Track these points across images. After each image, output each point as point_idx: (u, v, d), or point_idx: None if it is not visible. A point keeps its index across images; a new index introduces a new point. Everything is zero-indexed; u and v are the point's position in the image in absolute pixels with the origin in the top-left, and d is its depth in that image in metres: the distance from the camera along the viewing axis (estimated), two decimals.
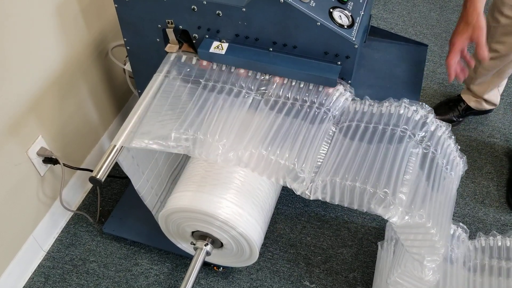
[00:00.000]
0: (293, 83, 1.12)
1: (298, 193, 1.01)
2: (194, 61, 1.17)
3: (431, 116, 1.07)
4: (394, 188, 0.94)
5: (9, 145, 1.24)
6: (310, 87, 1.12)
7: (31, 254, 1.44)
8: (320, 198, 1.00)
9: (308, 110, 1.08)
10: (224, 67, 1.16)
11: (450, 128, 1.09)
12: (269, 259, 1.47)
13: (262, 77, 1.14)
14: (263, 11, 1.05)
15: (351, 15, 1.10)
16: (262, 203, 1.19)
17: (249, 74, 1.15)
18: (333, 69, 1.09)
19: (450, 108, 1.83)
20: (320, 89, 1.11)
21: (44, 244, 1.48)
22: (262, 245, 1.29)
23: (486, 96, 1.74)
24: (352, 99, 1.13)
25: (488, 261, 1.30)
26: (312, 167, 1.01)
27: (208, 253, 1.22)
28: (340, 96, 1.11)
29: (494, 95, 1.75)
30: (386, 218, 0.94)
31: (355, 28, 1.08)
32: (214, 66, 1.16)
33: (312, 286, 1.42)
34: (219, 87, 1.13)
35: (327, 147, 1.06)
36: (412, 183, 0.97)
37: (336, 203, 1.00)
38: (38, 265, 1.46)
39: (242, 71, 1.15)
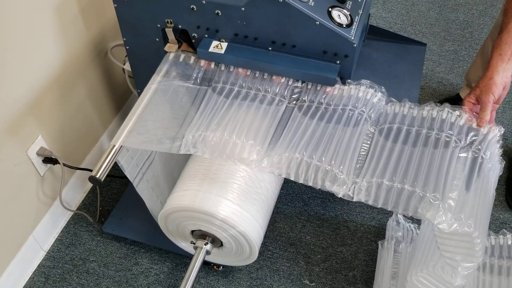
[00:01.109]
0: (318, 87, 1.12)
1: (340, 195, 0.98)
2: (193, 60, 1.18)
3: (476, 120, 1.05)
4: (444, 192, 0.92)
5: (8, 145, 1.24)
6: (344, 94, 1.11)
7: (31, 254, 1.44)
8: (362, 200, 0.98)
9: (341, 112, 1.07)
10: (223, 66, 1.16)
11: (502, 132, 1.06)
12: (269, 258, 1.47)
13: (282, 80, 1.13)
14: (262, 11, 1.06)
15: (350, 14, 1.10)
16: (262, 202, 1.19)
17: (248, 73, 1.15)
18: (332, 68, 1.09)
19: None
20: (352, 92, 1.10)
21: (44, 244, 1.49)
22: (262, 244, 1.30)
23: None
24: (390, 101, 1.11)
25: (497, 260, 1.29)
26: (351, 168, 1.00)
27: (208, 252, 1.22)
28: (373, 97, 1.11)
29: None
30: (435, 223, 0.91)
31: (354, 27, 1.09)
32: (214, 66, 1.16)
33: (312, 284, 1.42)
34: (219, 87, 1.13)
35: (366, 149, 1.04)
36: (460, 189, 0.95)
37: (379, 206, 0.98)
38: (38, 265, 1.46)
39: (242, 70, 1.15)
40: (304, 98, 1.10)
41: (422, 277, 1.09)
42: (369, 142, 1.05)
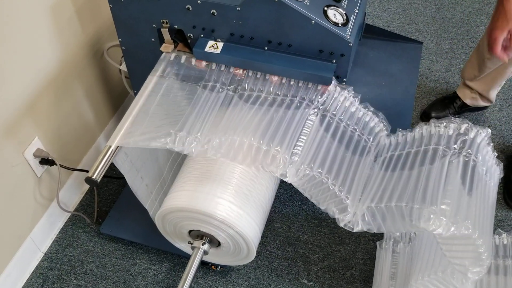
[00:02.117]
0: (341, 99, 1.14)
1: (341, 224, 1.02)
2: (189, 60, 1.17)
3: (465, 125, 1.07)
4: (435, 199, 0.93)
5: (5, 147, 1.24)
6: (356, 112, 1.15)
7: (29, 256, 1.44)
8: (365, 229, 1.01)
9: (351, 134, 1.11)
10: (220, 66, 1.16)
11: (490, 134, 1.08)
12: (266, 258, 1.47)
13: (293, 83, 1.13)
14: (257, 10, 1.06)
15: (345, 13, 1.10)
16: (259, 201, 1.19)
17: (245, 73, 1.15)
18: (328, 67, 1.09)
19: (446, 105, 1.83)
20: (360, 115, 1.14)
21: (42, 245, 1.48)
22: (259, 243, 1.29)
23: (486, 94, 1.73)
24: (387, 135, 1.16)
25: (493, 261, 1.29)
26: (356, 195, 1.03)
27: (205, 252, 1.22)
28: (376, 128, 1.16)
29: (494, 93, 1.75)
30: (430, 230, 0.91)
31: (349, 26, 1.09)
32: (210, 66, 1.16)
33: (310, 284, 1.42)
34: (213, 86, 1.13)
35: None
36: (455, 194, 0.96)
37: (384, 231, 1.01)
38: (36, 266, 1.46)
39: (238, 70, 1.15)
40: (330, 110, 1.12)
41: (429, 281, 1.08)
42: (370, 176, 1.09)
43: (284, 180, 1.00)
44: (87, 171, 1.03)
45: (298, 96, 1.10)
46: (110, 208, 1.56)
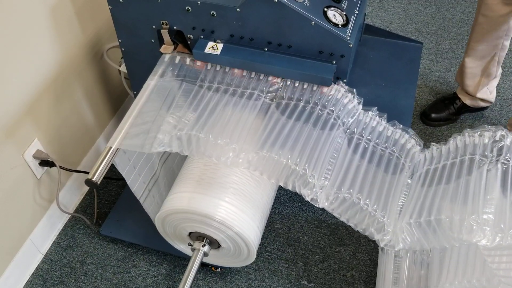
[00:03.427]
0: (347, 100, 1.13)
1: (382, 245, 1.03)
2: (189, 61, 1.17)
3: (500, 132, 1.06)
4: (476, 209, 0.91)
5: (5, 148, 1.24)
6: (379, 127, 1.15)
7: (28, 257, 1.43)
8: (407, 248, 1.02)
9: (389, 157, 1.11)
10: (219, 67, 1.16)
11: None
12: (267, 259, 1.47)
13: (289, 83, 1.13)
14: (257, 11, 1.05)
15: (345, 14, 1.10)
16: (259, 202, 1.19)
17: (244, 74, 1.15)
18: (328, 68, 1.09)
19: (446, 105, 1.83)
20: (389, 133, 1.14)
21: (42, 247, 1.48)
22: (259, 245, 1.29)
23: (478, 95, 1.76)
24: (421, 150, 1.14)
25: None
26: (393, 214, 1.03)
27: (205, 254, 1.22)
28: (408, 144, 1.15)
29: (486, 94, 1.76)
30: (473, 241, 0.89)
31: (349, 27, 1.08)
32: (209, 67, 1.16)
33: (310, 285, 1.42)
34: (214, 87, 1.13)
35: (404, 198, 1.07)
36: (496, 202, 0.94)
37: (427, 248, 1.02)
38: (36, 268, 1.46)
39: (237, 71, 1.15)
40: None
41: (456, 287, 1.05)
42: (406, 193, 1.08)
43: (316, 205, 1.00)
44: (87, 173, 1.02)
45: (335, 112, 1.09)
46: (110, 210, 1.56)
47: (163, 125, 1.05)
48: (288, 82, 1.12)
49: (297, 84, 1.12)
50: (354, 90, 1.12)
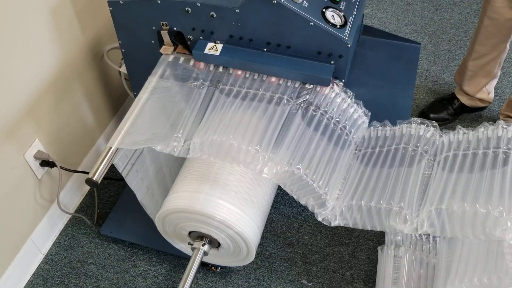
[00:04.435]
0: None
1: (320, 219, 1.04)
2: (189, 62, 1.18)
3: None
4: (510, 205, 0.90)
5: (6, 149, 1.25)
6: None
7: (29, 257, 1.44)
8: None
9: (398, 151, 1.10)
10: (219, 68, 1.17)
11: None
12: (266, 259, 1.48)
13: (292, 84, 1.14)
14: (256, 12, 1.06)
15: (343, 15, 1.11)
16: (259, 202, 1.20)
17: (246, 75, 1.16)
18: (327, 68, 1.10)
19: (445, 106, 1.84)
20: (404, 131, 1.12)
21: (43, 247, 1.49)
22: (259, 244, 1.30)
23: (477, 95, 1.77)
24: (444, 133, 1.12)
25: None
26: (414, 204, 1.01)
27: (205, 253, 1.22)
28: (426, 132, 1.12)
29: (484, 94, 1.78)
30: (507, 239, 0.88)
31: (347, 27, 1.09)
32: (209, 67, 1.17)
33: (309, 284, 1.43)
34: (215, 88, 1.14)
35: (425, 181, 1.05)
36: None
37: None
38: (37, 268, 1.47)
39: (237, 71, 1.15)
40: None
41: (466, 285, 1.04)
42: (428, 174, 1.06)
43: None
44: (87, 173, 1.03)
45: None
46: (110, 210, 1.57)
47: (197, 129, 1.06)
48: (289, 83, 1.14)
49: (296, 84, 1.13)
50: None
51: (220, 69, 1.16)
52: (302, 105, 1.10)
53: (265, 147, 1.02)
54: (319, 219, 1.04)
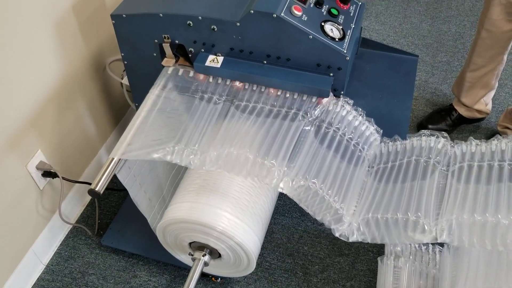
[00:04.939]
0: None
1: (337, 235, 1.04)
2: (190, 74, 1.20)
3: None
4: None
5: (9, 160, 1.26)
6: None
7: (30, 267, 1.45)
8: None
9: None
10: (220, 79, 1.18)
11: None
12: (266, 269, 1.48)
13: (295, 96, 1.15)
14: (256, 26, 1.08)
15: (342, 28, 1.13)
16: (259, 212, 1.21)
17: (246, 86, 1.17)
18: (326, 80, 1.12)
19: (443, 117, 1.86)
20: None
21: (43, 257, 1.49)
22: (259, 255, 1.30)
23: (475, 107, 1.79)
24: (456, 143, 1.13)
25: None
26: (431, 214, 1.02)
27: (206, 264, 1.23)
28: (436, 144, 1.14)
29: (482, 105, 1.80)
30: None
31: (346, 40, 1.11)
32: (210, 79, 1.19)
33: None
34: (210, 98, 1.16)
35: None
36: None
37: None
38: (38, 278, 1.47)
39: (237, 83, 1.17)
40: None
41: None
42: (442, 183, 1.06)
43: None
44: (89, 183, 1.04)
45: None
46: (111, 220, 1.57)
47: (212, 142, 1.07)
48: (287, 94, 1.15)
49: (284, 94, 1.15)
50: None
51: (221, 80, 1.18)
52: (315, 122, 1.11)
53: (281, 161, 1.02)
54: (336, 234, 1.03)
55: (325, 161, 1.06)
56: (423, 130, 1.15)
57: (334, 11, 1.16)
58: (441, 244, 1.26)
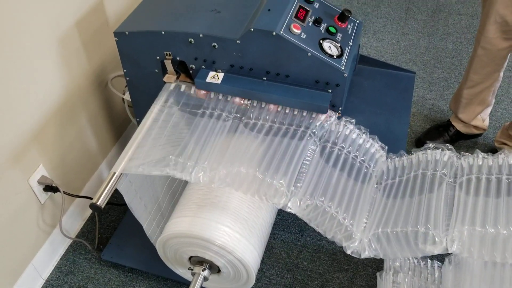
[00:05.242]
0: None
1: (349, 252, 1.04)
2: (191, 90, 1.22)
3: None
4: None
5: (11, 174, 1.27)
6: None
7: (30, 282, 1.45)
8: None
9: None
10: (220, 95, 1.20)
11: None
12: (266, 285, 1.48)
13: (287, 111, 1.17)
14: (256, 43, 1.11)
15: (340, 46, 1.15)
16: (259, 227, 1.21)
17: (246, 102, 1.19)
18: (324, 96, 1.14)
19: (440, 133, 1.88)
20: (421, 158, 1.15)
21: (43, 271, 1.49)
22: (259, 270, 1.31)
23: (472, 123, 1.81)
24: (457, 157, 1.13)
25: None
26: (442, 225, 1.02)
27: (205, 278, 1.23)
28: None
29: (479, 121, 1.82)
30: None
31: (344, 57, 1.14)
32: (211, 95, 1.21)
33: None
34: (216, 115, 1.17)
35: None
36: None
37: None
38: None
39: (237, 99, 1.19)
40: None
41: None
42: (450, 194, 1.07)
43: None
44: (90, 198, 1.05)
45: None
46: (111, 235, 1.58)
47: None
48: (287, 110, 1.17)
49: (288, 111, 1.17)
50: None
51: (222, 97, 1.20)
52: (320, 142, 1.13)
53: (289, 181, 1.03)
54: (348, 252, 1.04)
55: (331, 180, 1.07)
56: (428, 144, 1.16)
57: (332, 29, 1.18)
58: (440, 260, 1.27)
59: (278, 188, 1.02)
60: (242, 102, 1.19)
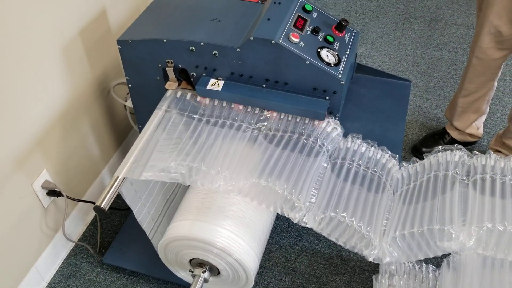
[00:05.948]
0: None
1: (370, 259, 1.06)
2: (192, 97, 1.25)
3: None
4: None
5: (15, 179, 1.30)
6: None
7: (33, 285, 1.46)
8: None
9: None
10: (221, 102, 1.23)
11: None
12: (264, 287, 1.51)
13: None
14: (256, 51, 1.14)
15: (337, 54, 1.19)
16: (258, 231, 1.24)
17: (246, 109, 1.22)
18: (322, 103, 1.17)
19: (436, 140, 1.91)
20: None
21: (46, 275, 1.52)
22: (257, 274, 1.33)
23: (467, 131, 1.85)
24: (469, 156, 1.16)
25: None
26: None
27: (205, 280, 1.26)
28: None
29: (474, 129, 1.85)
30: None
31: (341, 66, 1.17)
32: (212, 102, 1.24)
33: None
34: (215, 121, 1.21)
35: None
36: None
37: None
38: None
39: (237, 106, 1.22)
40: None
41: None
42: (464, 191, 1.09)
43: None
44: (93, 203, 1.08)
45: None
46: (112, 239, 1.60)
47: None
48: (283, 116, 1.20)
49: (291, 118, 1.20)
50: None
51: (223, 104, 1.23)
52: (330, 160, 1.16)
53: (305, 197, 1.06)
54: (370, 259, 1.06)
55: (343, 192, 1.10)
56: (437, 147, 1.18)
57: (330, 38, 1.22)
58: (435, 264, 1.29)
59: (296, 203, 1.05)
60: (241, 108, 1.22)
